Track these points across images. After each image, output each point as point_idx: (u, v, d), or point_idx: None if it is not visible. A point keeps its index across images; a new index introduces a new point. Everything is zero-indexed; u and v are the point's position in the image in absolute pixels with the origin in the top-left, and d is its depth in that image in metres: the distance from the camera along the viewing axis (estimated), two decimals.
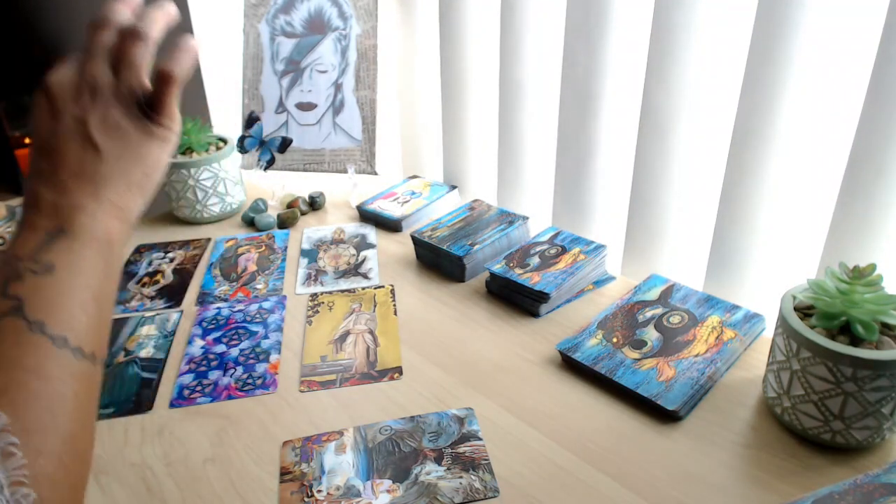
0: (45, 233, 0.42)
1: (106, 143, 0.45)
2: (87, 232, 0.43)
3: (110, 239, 0.44)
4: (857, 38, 0.55)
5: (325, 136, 0.99)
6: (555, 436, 0.55)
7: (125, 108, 0.46)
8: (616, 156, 0.77)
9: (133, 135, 0.46)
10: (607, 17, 0.71)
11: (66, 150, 0.45)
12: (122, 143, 0.46)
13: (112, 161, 0.45)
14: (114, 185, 0.45)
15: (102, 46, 0.48)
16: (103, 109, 0.46)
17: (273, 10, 1.01)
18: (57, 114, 0.46)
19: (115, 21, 0.48)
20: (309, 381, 0.63)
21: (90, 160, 0.45)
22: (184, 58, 0.48)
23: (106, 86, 0.46)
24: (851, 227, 0.58)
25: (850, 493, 0.40)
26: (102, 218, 0.44)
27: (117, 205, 0.45)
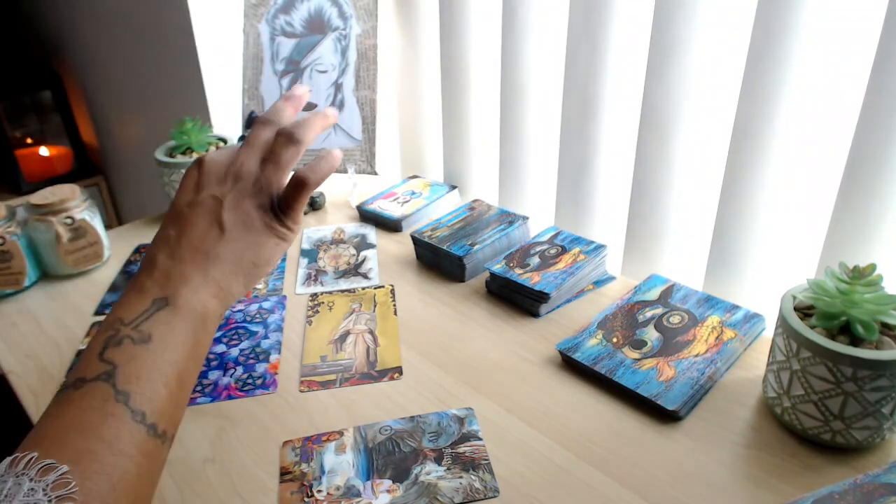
0: (151, 300, 0.45)
1: (231, 226, 0.49)
2: (188, 307, 0.45)
3: (206, 316, 0.46)
4: (856, 38, 0.55)
5: (325, 136, 0.99)
6: (555, 436, 0.55)
7: (259, 199, 0.50)
8: (616, 156, 0.77)
9: (257, 226, 0.50)
10: (608, 18, 0.71)
11: (195, 222, 0.48)
12: (245, 230, 0.49)
13: (231, 243, 0.48)
14: (223, 266, 0.48)
15: (259, 140, 0.52)
16: (240, 195, 0.50)
17: (273, 10, 1.01)
18: (200, 188, 0.50)
19: (279, 121, 0.54)
20: (309, 381, 0.63)
21: (213, 237, 0.48)
22: (322, 168, 0.52)
23: (249, 175, 0.51)
24: (851, 227, 0.58)
25: (850, 493, 0.40)
26: (204, 294, 0.46)
27: (220, 285, 0.48)
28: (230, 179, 0.50)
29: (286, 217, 0.51)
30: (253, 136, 0.53)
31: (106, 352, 0.42)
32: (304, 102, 0.57)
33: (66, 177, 2.09)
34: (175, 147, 0.93)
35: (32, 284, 0.82)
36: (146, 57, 1.45)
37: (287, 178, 0.52)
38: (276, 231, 0.51)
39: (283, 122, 0.54)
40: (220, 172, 0.51)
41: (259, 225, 0.50)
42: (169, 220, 0.49)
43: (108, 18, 1.57)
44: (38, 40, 2.07)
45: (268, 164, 0.51)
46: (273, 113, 0.54)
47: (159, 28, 1.32)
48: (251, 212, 0.50)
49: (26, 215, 0.80)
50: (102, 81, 1.82)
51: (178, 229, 0.48)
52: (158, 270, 0.46)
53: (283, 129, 0.52)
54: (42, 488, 0.35)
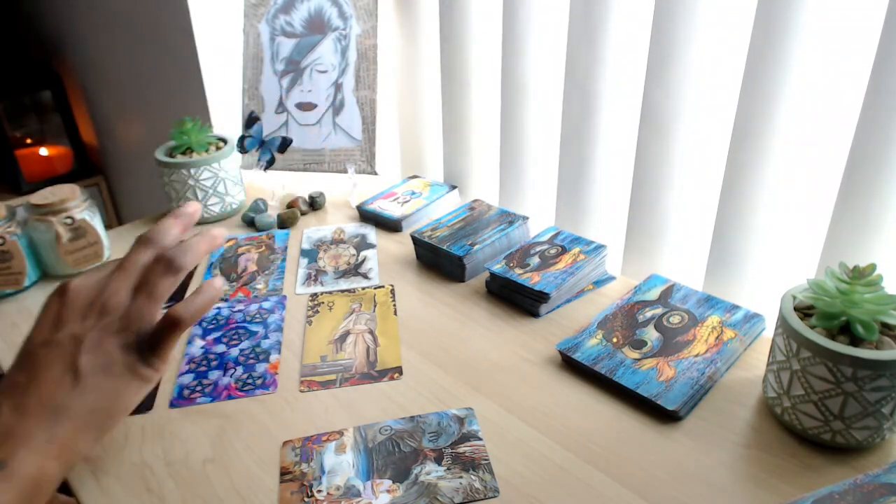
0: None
1: (87, 373, 0.44)
2: (21, 472, 0.41)
3: (41, 480, 0.42)
4: (856, 38, 0.55)
5: (325, 136, 0.99)
6: (555, 436, 0.55)
7: (124, 337, 0.45)
8: (616, 156, 0.77)
9: (117, 370, 0.45)
10: (608, 17, 0.71)
11: (48, 367, 0.44)
12: (104, 376, 0.44)
13: (84, 394, 0.44)
14: (72, 422, 0.43)
15: (136, 265, 0.48)
16: (103, 333, 0.45)
17: (273, 10, 1.01)
18: (59, 325, 0.45)
19: (162, 241, 0.49)
20: (309, 381, 0.63)
21: (66, 387, 0.43)
22: (199, 304, 0.47)
23: (117, 309, 0.46)
24: (851, 227, 0.58)
25: (850, 493, 0.40)
26: (44, 457, 0.42)
27: (65, 444, 0.43)
28: (95, 313, 0.45)
29: (154, 356, 0.46)
30: (128, 259, 0.48)
31: None
32: (195, 221, 0.52)
33: (66, 177, 2.09)
34: (175, 147, 0.93)
35: (32, 284, 0.82)
36: (146, 57, 1.45)
37: (159, 310, 0.47)
38: (139, 374, 0.46)
39: (167, 242, 0.49)
40: (85, 304, 0.46)
41: (120, 369, 0.45)
42: (20, 362, 0.45)
43: (108, 18, 1.57)
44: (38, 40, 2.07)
45: (140, 294, 0.46)
46: (156, 232, 0.49)
47: (159, 28, 1.32)
48: (113, 353, 0.45)
49: (26, 215, 0.80)
50: (102, 81, 1.82)
51: (27, 375, 0.43)
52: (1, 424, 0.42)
53: (162, 254, 0.47)
54: None
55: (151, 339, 0.46)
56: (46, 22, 1.96)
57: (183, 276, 0.48)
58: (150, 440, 0.57)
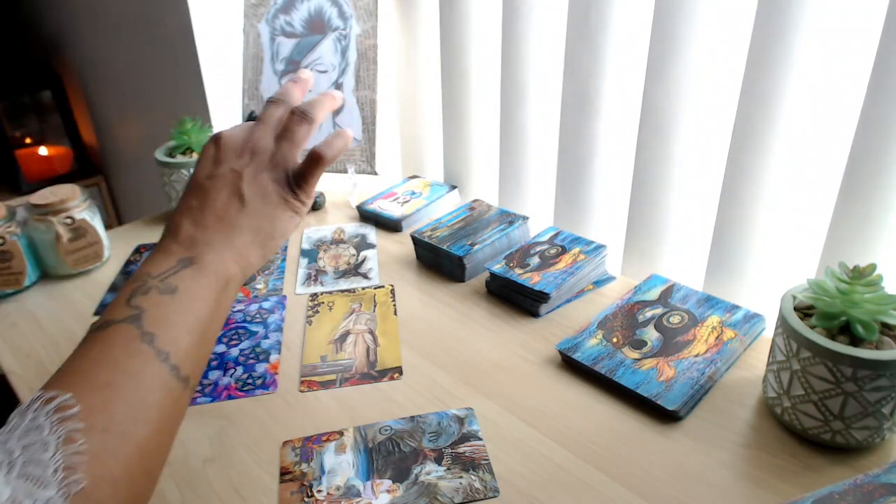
0: (176, 259, 0.47)
1: (251, 198, 0.51)
2: (211, 268, 0.47)
3: (228, 280, 0.48)
4: (856, 38, 0.55)
5: (325, 136, 0.99)
6: (555, 436, 0.55)
7: (275, 173, 0.52)
8: (616, 156, 0.77)
9: (274, 199, 0.52)
10: (608, 18, 0.71)
11: (217, 193, 0.50)
12: (263, 202, 0.51)
13: (251, 214, 0.50)
14: (244, 235, 0.50)
15: (273, 118, 0.54)
16: (257, 169, 0.52)
17: (273, 10, 1.01)
18: (219, 162, 0.52)
19: (289, 101, 0.56)
20: (309, 381, 0.63)
21: (234, 208, 0.50)
22: (337, 143, 0.54)
23: (265, 151, 0.52)
24: (851, 227, 0.58)
25: (850, 493, 0.40)
26: (227, 259, 0.48)
27: (241, 252, 0.50)
28: (247, 154, 0.52)
29: (301, 191, 0.53)
30: (266, 114, 0.55)
31: (133, 298, 0.44)
32: (310, 86, 0.59)
33: (66, 177, 2.09)
34: (175, 147, 0.93)
35: (32, 284, 0.82)
36: (146, 57, 1.45)
37: (299, 154, 0.54)
38: (291, 204, 0.52)
39: (293, 102, 0.56)
40: (238, 147, 0.52)
41: (276, 198, 0.52)
42: (190, 192, 0.51)
43: (108, 18, 1.57)
44: (38, 40, 2.07)
45: (282, 140, 0.53)
46: (283, 93, 0.56)
47: (159, 28, 1.32)
48: (268, 185, 0.51)
49: (26, 215, 0.80)
50: (102, 81, 1.82)
51: (200, 200, 0.50)
52: (183, 235, 0.48)
53: (297, 107, 0.54)
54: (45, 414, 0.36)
55: (298, 174, 0.53)
56: (46, 22, 1.96)
57: (315, 127, 0.54)
58: None
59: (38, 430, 0.35)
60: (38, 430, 0.35)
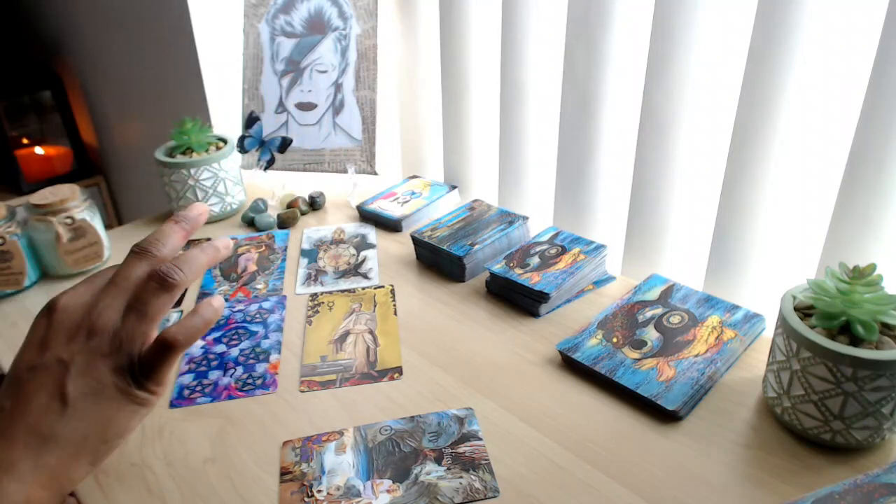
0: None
1: (76, 399, 0.41)
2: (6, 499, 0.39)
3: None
4: (856, 38, 0.55)
5: (325, 136, 0.99)
6: (555, 436, 0.55)
7: (115, 359, 0.43)
8: (616, 156, 0.77)
9: (109, 394, 0.42)
10: (608, 18, 0.71)
11: (34, 393, 0.41)
12: (95, 401, 0.42)
13: (74, 422, 0.41)
14: (61, 450, 0.41)
15: (128, 280, 0.44)
16: (91, 356, 0.42)
17: (273, 10, 1.01)
18: (45, 347, 0.42)
19: (159, 252, 0.45)
20: (309, 381, 0.63)
21: (53, 415, 0.41)
22: (195, 325, 0.44)
23: (107, 329, 0.43)
24: (851, 227, 0.58)
25: (850, 493, 0.40)
26: (31, 485, 0.40)
27: (54, 473, 0.41)
28: (83, 334, 0.42)
29: (149, 381, 0.43)
30: (120, 273, 0.44)
31: None
32: (201, 223, 0.48)
33: (66, 177, 2.09)
34: (175, 147, 0.93)
35: (32, 284, 0.82)
36: (146, 57, 1.45)
37: (155, 329, 0.44)
38: (133, 397, 0.43)
39: (165, 254, 0.45)
40: (73, 325, 0.43)
41: (111, 392, 0.42)
42: (6, 387, 0.42)
43: (108, 18, 1.57)
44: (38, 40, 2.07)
45: (131, 312, 0.43)
46: (153, 241, 0.45)
47: (159, 28, 1.32)
48: (104, 377, 0.42)
49: (26, 215, 0.80)
50: (102, 81, 1.82)
51: (14, 401, 0.41)
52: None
53: (157, 270, 0.44)
54: None
55: (144, 361, 0.43)
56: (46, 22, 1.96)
57: (179, 293, 0.44)
58: (150, 440, 0.57)
59: None
60: None
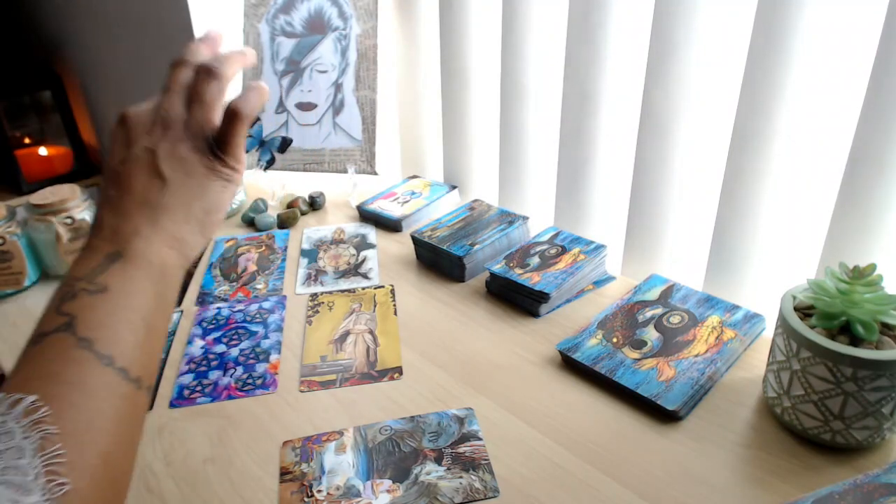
0: (103, 256, 0.43)
1: (171, 174, 0.46)
2: (142, 257, 0.44)
3: (164, 267, 0.45)
4: (856, 38, 0.55)
5: (325, 136, 0.99)
6: (555, 435, 0.55)
7: (193, 142, 0.47)
8: (616, 156, 0.77)
9: (198, 169, 0.47)
10: (608, 18, 0.71)
11: (133, 177, 0.46)
12: (187, 175, 0.47)
13: (175, 191, 0.46)
14: (172, 215, 0.46)
15: (179, 83, 0.49)
16: (172, 142, 0.47)
17: (273, 10, 1.01)
18: (130, 143, 0.47)
19: (194, 60, 0.50)
20: (309, 381, 0.63)
21: (155, 189, 0.46)
22: (252, 97, 0.49)
23: (177, 120, 0.48)
24: (851, 227, 0.58)
25: (850, 493, 0.40)
26: (158, 245, 0.45)
27: (174, 234, 0.46)
28: (158, 128, 0.47)
29: (227, 155, 0.48)
30: (171, 79, 0.50)
31: (63, 306, 0.41)
32: (220, 45, 0.53)
33: (66, 177, 2.09)
34: None
35: (32, 284, 0.82)
36: (146, 57, 1.45)
37: (218, 115, 0.49)
38: (219, 173, 0.48)
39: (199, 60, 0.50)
40: (147, 123, 0.48)
41: (200, 169, 0.47)
42: (107, 182, 0.47)
43: (108, 18, 1.57)
44: (39, 40, 2.07)
45: (193, 104, 0.48)
46: (188, 53, 0.51)
47: (159, 28, 1.32)
48: (188, 156, 0.47)
49: (26, 215, 0.80)
50: (102, 81, 1.82)
51: (117, 188, 0.46)
52: (107, 227, 0.45)
53: (202, 64, 0.49)
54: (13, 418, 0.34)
55: (219, 138, 0.48)
56: (47, 22, 1.96)
57: (227, 84, 0.49)
58: (150, 440, 0.57)
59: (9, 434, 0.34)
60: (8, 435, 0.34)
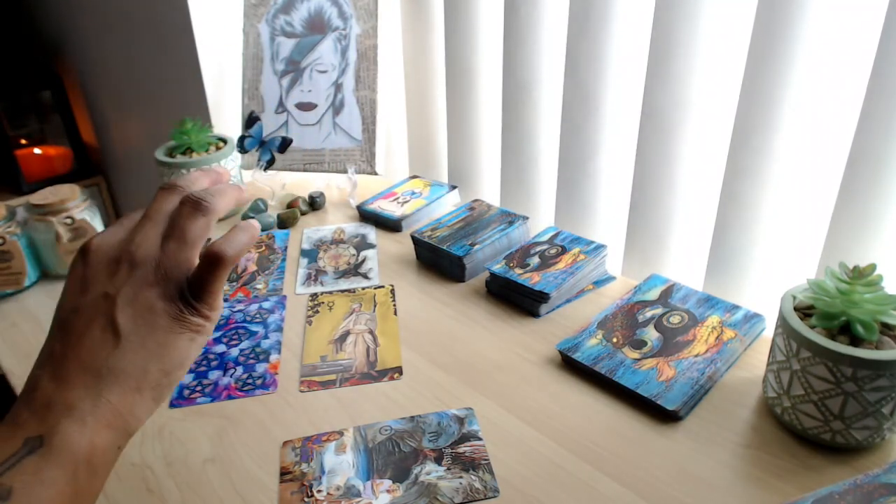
0: (23, 440, 0.36)
1: (129, 330, 0.39)
2: (67, 448, 0.36)
3: (93, 455, 0.37)
4: (856, 38, 0.55)
5: (325, 136, 0.99)
6: (555, 436, 0.55)
7: (163, 288, 0.40)
8: (617, 156, 0.77)
9: (163, 322, 0.40)
10: (609, 17, 0.71)
11: (84, 333, 0.39)
12: (148, 330, 0.40)
13: (130, 352, 0.39)
14: (122, 384, 0.39)
15: (161, 212, 0.43)
16: (137, 287, 0.40)
17: (273, 10, 1.01)
18: (87, 286, 0.41)
19: (185, 188, 0.44)
20: (309, 381, 0.63)
21: (106, 349, 0.39)
22: (240, 238, 0.42)
23: (149, 258, 0.41)
24: (851, 227, 0.58)
25: (850, 493, 0.40)
26: (94, 425, 0.37)
27: (117, 409, 0.38)
28: (124, 267, 0.40)
29: (201, 303, 0.41)
30: (152, 208, 0.43)
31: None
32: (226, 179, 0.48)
33: (66, 177, 2.09)
34: (175, 147, 0.93)
35: (32, 284, 0.82)
36: (146, 57, 1.45)
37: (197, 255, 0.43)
38: (188, 324, 0.41)
39: (192, 190, 0.44)
40: (111, 260, 0.41)
41: (165, 321, 0.40)
42: (54, 332, 0.40)
43: (108, 18, 1.57)
44: (39, 40, 2.07)
45: (170, 241, 0.41)
46: (182, 180, 0.45)
47: (159, 28, 1.32)
48: (154, 305, 0.40)
49: (26, 215, 0.81)
50: (102, 81, 1.82)
51: (63, 342, 0.39)
52: (40, 396, 0.37)
53: (189, 195, 0.42)
54: None
55: (193, 283, 0.41)
56: (47, 22, 1.96)
57: (215, 221, 0.43)
58: (150, 440, 0.57)
59: None
60: None
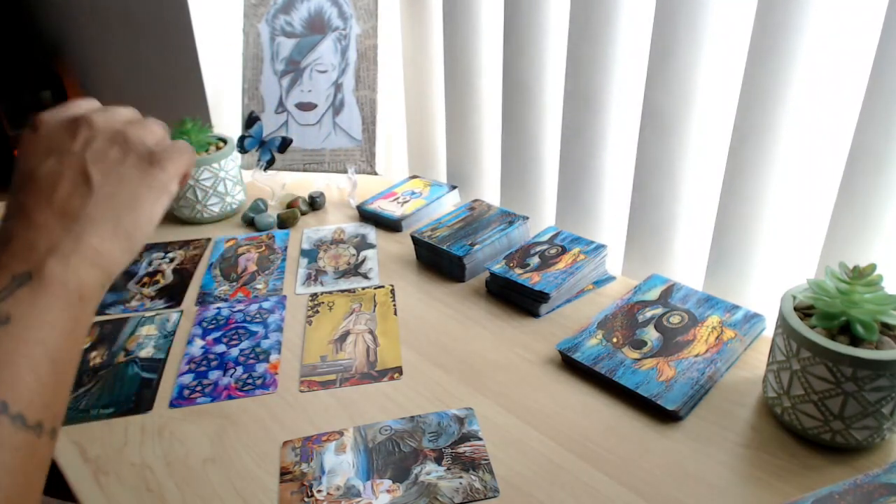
0: (10, 276, 0.37)
1: (100, 181, 0.41)
2: (57, 280, 0.38)
3: (82, 291, 0.39)
4: (856, 38, 0.55)
5: (325, 136, 0.99)
6: (555, 436, 0.55)
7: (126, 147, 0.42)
8: (618, 156, 0.77)
9: (132, 175, 0.42)
10: (610, 17, 0.71)
11: (55, 184, 0.40)
12: (119, 182, 0.41)
13: (103, 201, 0.40)
14: (99, 228, 0.40)
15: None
16: (104, 145, 0.42)
17: (273, 10, 1.01)
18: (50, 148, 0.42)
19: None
20: (309, 381, 0.63)
21: (80, 197, 0.40)
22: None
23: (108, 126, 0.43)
24: (851, 227, 0.58)
25: (850, 493, 0.40)
26: (78, 264, 0.39)
27: (98, 250, 0.40)
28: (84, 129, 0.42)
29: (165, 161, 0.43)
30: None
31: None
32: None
33: None
34: None
35: None
36: (146, 57, 1.45)
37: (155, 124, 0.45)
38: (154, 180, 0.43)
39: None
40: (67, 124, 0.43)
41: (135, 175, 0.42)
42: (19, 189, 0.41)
43: (108, 18, 1.57)
44: (39, 40, 2.07)
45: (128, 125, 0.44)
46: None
47: (159, 28, 1.32)
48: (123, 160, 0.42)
49: None
50: (102, 81, 1.82)
51: (34, 196, 0.40)
52: (17, 242, 0.38)
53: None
54: None
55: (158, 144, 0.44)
56: (47, 22, 1.96)
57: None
58: (150, 440, 0.57)
59: None
60: None
